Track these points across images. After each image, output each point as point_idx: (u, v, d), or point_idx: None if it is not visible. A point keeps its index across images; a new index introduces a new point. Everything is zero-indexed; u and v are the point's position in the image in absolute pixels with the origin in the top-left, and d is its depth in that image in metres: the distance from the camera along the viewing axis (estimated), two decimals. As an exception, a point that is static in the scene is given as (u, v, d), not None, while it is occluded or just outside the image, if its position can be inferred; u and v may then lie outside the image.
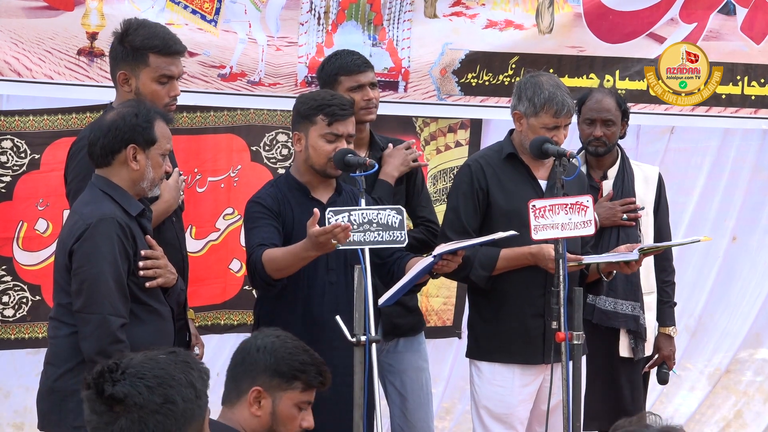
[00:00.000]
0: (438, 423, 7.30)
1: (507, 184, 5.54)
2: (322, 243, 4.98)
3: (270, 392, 3.89)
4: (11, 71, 6.05)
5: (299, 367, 3.91)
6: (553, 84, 5.50)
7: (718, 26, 7.01)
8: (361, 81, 5.68)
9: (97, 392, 2.56)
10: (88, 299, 4.52)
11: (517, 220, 5.37)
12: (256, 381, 3.89)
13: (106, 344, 4.48)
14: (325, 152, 5.29)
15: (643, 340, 6.16)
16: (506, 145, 5.60)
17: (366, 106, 5.67)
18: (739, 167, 7.64)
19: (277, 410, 3.89)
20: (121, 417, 2.54)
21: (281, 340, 3.97)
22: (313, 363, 3.96)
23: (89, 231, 4.53)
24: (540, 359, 5.49)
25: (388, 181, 5.70)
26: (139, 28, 5.09)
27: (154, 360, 2.60)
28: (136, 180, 4.65)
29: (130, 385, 2.54)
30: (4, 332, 6.45)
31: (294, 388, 3.90)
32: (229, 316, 6.67)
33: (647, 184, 6.29)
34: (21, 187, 6.35)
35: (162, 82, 5.06)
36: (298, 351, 3.95)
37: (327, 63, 5.78)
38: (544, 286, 5.46)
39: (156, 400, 2.54)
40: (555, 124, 5.44)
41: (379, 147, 5.79)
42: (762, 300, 7.75)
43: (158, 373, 2.57)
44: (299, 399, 3.92)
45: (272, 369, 3.89)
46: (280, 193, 5.38)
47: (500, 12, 6.70)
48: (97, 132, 4.68)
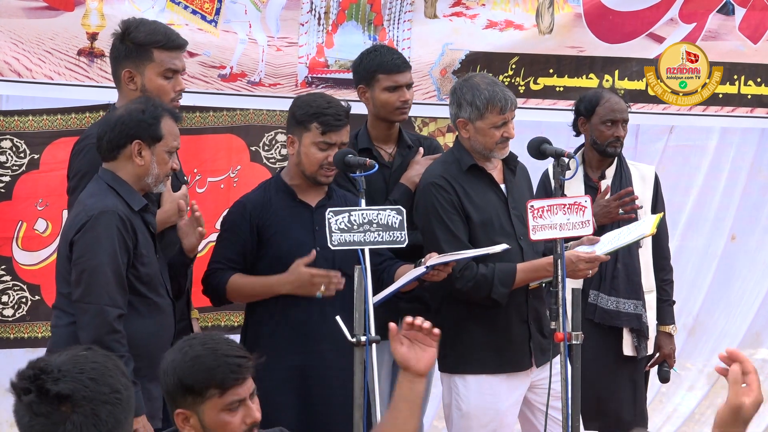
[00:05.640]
0: (438, 423, 7.29)
1: (474, 196, 5.45)
2: (311, 285, 5.11)
3: (192, 410, 3.59)
4: (11, 71, 6.04)
5: (204, 376, 3.57)
6: (488, 82, 5.42)
7: (717, 26, 7.01)
8: (399, 82, 5.67)
9: (40, 393, 2.50)
10: (86, 289, 4.59)
11: (492, 228, 5.38)
12: (176, 404, 3.61)
13: (103, 334, 4.54)
14: (316, 160, 5.30)
15: (645, 339, 6.17)
16: (464, 156, 5.46)
17: (401, 107, 5.68)
18: (737, 167, 7.65)
19: (206, 424, 3.59)
20: (71, 414, 2.50)
21: (182, 353, 3.63)
22: (220, 364, 3.57)
23: (90, 222, 4.60)
24: (527, 364, 5.49)
25: (408, 186, 5.69)
26: (139, 25, 5.11)
27: (81, 356, 2.58)
28: (140, 175, 4.72)
29: (74, 381, 2.51)
30: (3, 332, 6.45)
31: (210, 396, 3.56)
32: (230, 317, 6.67)
33: (644, 183, 6.31)
34: (20, 187, 6.35)
35: (167, 76, 5.08)
36: (200, 359, 3.58)
37: (365, 57, 5.75)
38: (526, 292, 5.46)
39: (103, 390, 2.52)
40: (503, 120, 5.38)
41: (406, 144, 5.78)
42: (761, 299, 7.76)
43: (94, 366, 2.55)
44: (222, 404, 3.57)
45: (181, 388, 3.58)
46: (266, 197, 5.39)
47: (500, 12, 6.70)
48: (104, 126, 4.76)
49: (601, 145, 6.18)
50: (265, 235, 5.33)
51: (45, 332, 6.36)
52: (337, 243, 4.96)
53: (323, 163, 5.29)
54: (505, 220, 5.42)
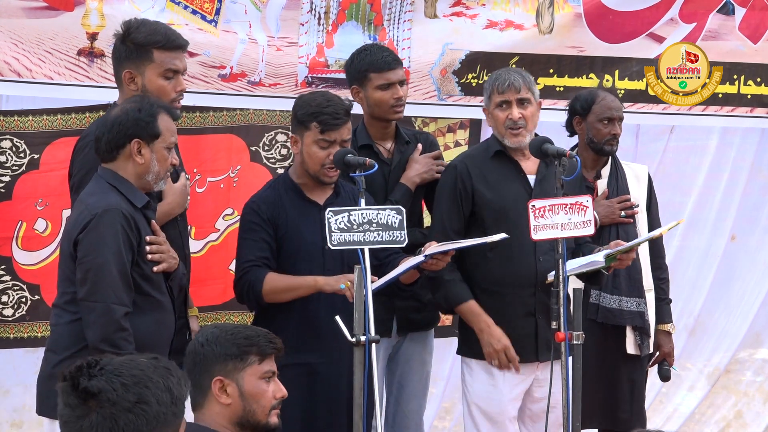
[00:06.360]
0: (438, 423, 7.30)
1: (495, 182, 5.55)
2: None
3: (231, 377, 3.91)
4: (11, 71, 6.04)
5: (246, 342, 3.95)
6: (503, 69, 5.65)
7: (717, 26, 7.02)
8: (391, 79, 5.68)
9: (72, 385, 2.55)
10: (92, 288, 4.59)
11: (506, 217, 5.42)
12: (214, 373, 3.91)
13: (111, 332, 4.55)
14: (318, 158, 5.32)
15: (648, 336, 6.18)
16: (493, 143, 5.62)
17: (395, 104, 5.68)
18: (738, 167, 7.64)
19: (245, 390, 3.91)
20: (93, 412, 2.53)
21: (219, 329, 4.01)
22: (258, 334, 4.00)
23: (94, 221, 4.61)
24: (532, 357, 5.52)
25: (408, 186, 5.70)
26: (140, 26, 5.12)
27: (135, 361, 2.60)
28: (141, 174, 4.73)
29: (106, 381, 2.54)
30: (3, 331, 6.45)
31: (251, 363, 3.93)
32: (230, 317, 6.66)
33: (639, 182, 6.32)
34: (20, 187, 6.34)
35: (168, 77, 5.08)
36: (239, 330, 4.00)
37: (356, 58, 5.76)
38: (534, 285, 5.48)
39: (130, 398, 2.53)
40: (501, 99, 5.50)
41: (404, 140, 5.80)
42: (761, 300, 7.75)
43: (135, 373, 2.56)
44: (261, 371, 3.94)
45: (223, 355, 3.92)
46: (276, 195, 5.41)
47: (500, 12, 6.70)
48: (102, 128, 4.76)
49: (598, 144, 6.18)
50: (278, 233, 5.36)
51: (45, 332, 6.35)
52: (336, 243, 4.96)
53: (325, 162, 5.31)
54: (522, 210, 5.42)
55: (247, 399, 3.92)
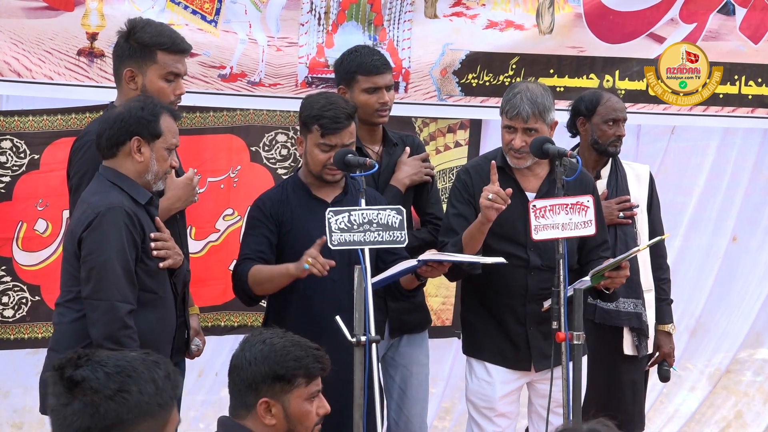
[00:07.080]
0: (438, 423, 7.30)
1: None
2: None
3: (277, 398, 3.86)
4: (11, 71, 6.04)
5: (295, 365, 3.88)
6: (522, 89, 5.41)
7: (717, 26, 7.02)
8: (378, 83, 5.66)
9: (60, 375, 2.60)
10: (96, 286, 4.61)
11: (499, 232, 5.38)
12: (260, 393, 3.86)
13: (115, 330, 4.58)
14: (319, 161, 5.34)
15: (646, 337, 6.18)
16: (499, 155, 5.54)
17: (380, 109, 5.67)
18: (739, 167, 7.65)
19: (290, 412, 3.87)
20: (76, 399, 2.57)
21: (268, 345, 3.92)
22: (307, 354, 3.92)
23: (98, 219, 4.63)
24: (526, 366, 5.52)
25: (398, 188, 5.70)
26: (146, 26, 5.13)
27: (123, 354, 2.65)
28: (140, 172, 4.75)
29: (90, 370, 2.58)
30: (3, 332, 6.44)
31: (298, 385, 3.87)
32: (230, 317, 6.66)
33: (639, 182, 6.32)
34: (20, 188, 6.35)
35: (168, 79, 5.09)
36: (288, 349, 3.91)
37: (346, 58, 5.74)
38: (525, 296, 5.47)
39: (111, 386, 2.57)
40: (506, 123, 5.43)
41: (391, 143, 5.80)
42: (762, 300, 7.76)
43: (121, 364, 2.60)
44: (307, 393, 3.90)
45: (270, 377, 3.86)
46: (283, 194, 5.44)
47: (501, 12, 6.70)
48: (104, 124, 4.78)
49: (603, 145, 6.17)
50: (282, 230, 5.38)
51: (45, 333, 6.35)
52: (336, 243, 4.97)
53: (326, 164, 5.32)
54: (519, 227, 5.40)
55: (292, 420, 3.89)
